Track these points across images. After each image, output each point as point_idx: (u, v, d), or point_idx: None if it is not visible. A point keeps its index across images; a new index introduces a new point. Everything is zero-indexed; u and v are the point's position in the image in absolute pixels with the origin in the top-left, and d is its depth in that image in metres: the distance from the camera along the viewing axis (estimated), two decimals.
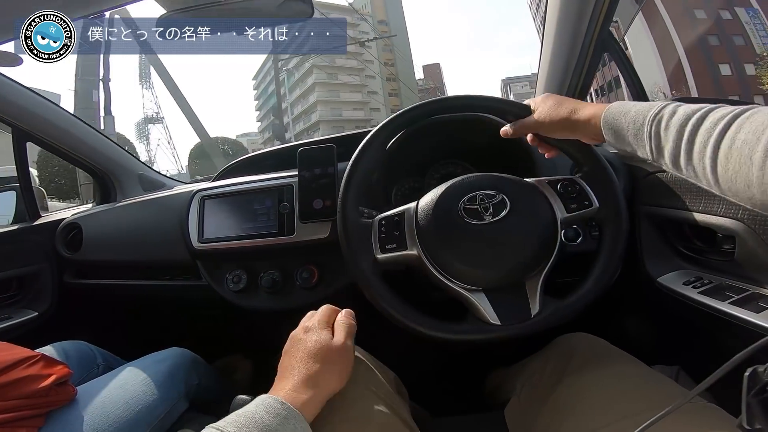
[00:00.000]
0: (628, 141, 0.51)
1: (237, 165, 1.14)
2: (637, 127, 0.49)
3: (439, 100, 0.71)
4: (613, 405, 0.52)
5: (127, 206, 1.20)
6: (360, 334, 0.56)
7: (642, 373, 0.59)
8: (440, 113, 0.71)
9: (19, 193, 1.29)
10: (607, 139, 0.55)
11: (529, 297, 0.59)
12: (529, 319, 0.58)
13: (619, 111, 0.52)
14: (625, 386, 0.55)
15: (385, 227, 0.64)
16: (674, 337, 0.90)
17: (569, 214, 0.62)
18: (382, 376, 0.63)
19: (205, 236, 0.95)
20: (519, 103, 0.67)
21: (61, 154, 1.30)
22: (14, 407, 0.60)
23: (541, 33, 1.01)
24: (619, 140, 0.53)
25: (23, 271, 1.16)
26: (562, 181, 0.64)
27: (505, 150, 0.89)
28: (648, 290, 0.79)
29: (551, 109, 0.62)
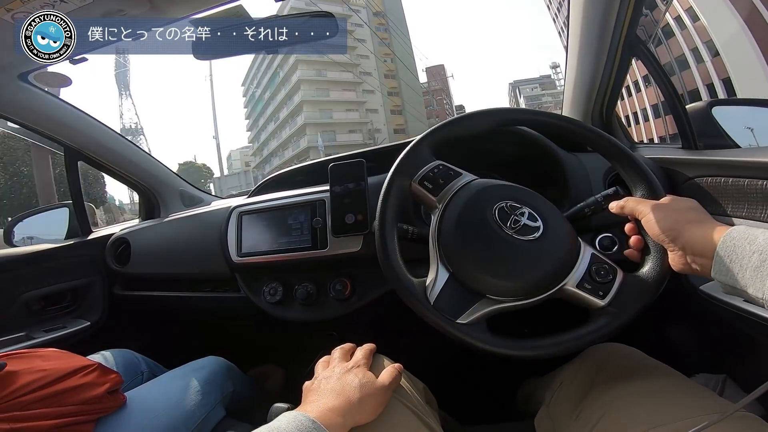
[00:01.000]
0: (745, 275, 0.42)
1: (271, 181, 1.19)
2: (762, 258, 0.41)
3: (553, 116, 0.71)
4: (644, 416, 0.51)
5: (170, 222, 1.27)
6: (390, 344, 0.57)
7: (677, 383, 0.57)
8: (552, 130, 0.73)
9: (71, 210, 1.38)
10: (715, 270, 0.46)
11: (473, 307, 0.58)
12: (451, 320, 0.58)
13: (743, 237, 0.44)
14: (659, 397, 0.54)
15: (437, 172, 0.67)
16: (719, 346, 0.86)
17: (574, 288, 0.58)
18: (411, 386, 0.65)
19: (243, 250, 0.99)
20: (658, 186, 0.61)
21: (109, 172, 1.38)
22: (71, 413, 0.65)
23: (564, 38, 0.99)
24: (731, 271, 0.44)
25: (77, 283, 1.25)
26: (602, 264, 0.59)
27: (535, 163, 0.88)
28: (690, 299, 0.76)
29: (682, 210, 0.53)
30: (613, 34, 0.88)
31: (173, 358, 0.96)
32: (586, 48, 0.94)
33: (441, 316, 0.57)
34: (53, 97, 1.14)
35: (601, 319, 0.57)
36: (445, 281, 0.60)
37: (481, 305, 0.58)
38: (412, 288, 0.60)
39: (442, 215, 0.63)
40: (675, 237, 0.51)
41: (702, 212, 0.53)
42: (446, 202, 0.64)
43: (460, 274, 0.60)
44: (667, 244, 0.53)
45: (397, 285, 0.61)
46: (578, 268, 0.59)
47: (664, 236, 0.52)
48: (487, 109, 0.71)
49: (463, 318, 0.58)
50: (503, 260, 0.59)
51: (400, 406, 0.58)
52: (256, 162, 55.68)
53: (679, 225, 0.51)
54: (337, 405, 0.50)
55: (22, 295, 1.14)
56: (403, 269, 0.61)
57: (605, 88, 0.99)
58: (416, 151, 0.69)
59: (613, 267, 0.59)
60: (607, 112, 1.04)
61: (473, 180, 0.67)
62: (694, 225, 0.50)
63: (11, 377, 0.63)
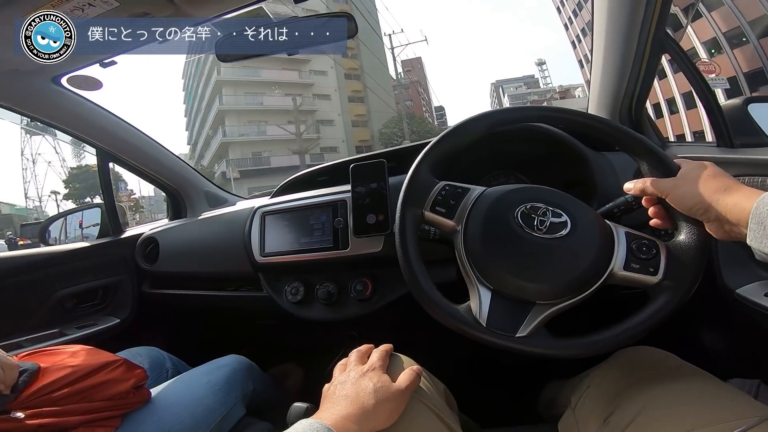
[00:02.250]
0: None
1: (294, 181, 1.20)
2: None
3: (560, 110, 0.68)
4: (680, 419, 0.49)
5: (197, 222, 1.31)
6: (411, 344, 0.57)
7: (711, 387, 0.55)
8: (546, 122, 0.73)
9: (103, 210, 1.43)
10: (751, 236, 0.45)
11: (528, 318, 0.56)
12: (512, 335, 0.56)
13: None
14: (694, 400, 0.52)
15: (446, 193, 0.65)
16: (754, 350, 0.83)
17: (624, 272, 0.56)
18: (432, 387, 0.64)
19: (267, 250, 1.01)
20: (669, 160, 0.58)
21: (139, 173, 1.42)
22: (99, 408, 0.67)
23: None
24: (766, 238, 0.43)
25: (108, 281, 1.30)
26: (641, 239, 0.58)
27: (563, 164, 0.86)
28: (726, 303, 0.73)
29: (702, 180, 0.51)
30: (641, 30, 0.86)
31: (197, 356, 0.98)
32: (613, 46, 0.92)
33: (498, 335, 0.56)
34: (85, 100, 1.18)
35: (662, 296, 0.55)
36: (490, 300, 0.58)
37: (535, 313, 0.56)
38: (459, 316, 0.58)
39: (465, 235, 0.62)
40: (706, 209, 0.50)
41: (724, 177, 0.51)
42: (465, 222, 0.62)
43: (502, 288, 0.58)
44: (700, 216, 0.51)
45: (446, 320, 0.58)
46: (618, 251, 0.57)
47: (695, 210, 0.51)
48: (477, 115, 0.69)
49: (521, 330, 0.56)
50: (541, 264, 0.58)
51: (422, 407, 0.58)
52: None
53: (707, 196, 0.50)
54: (352, 412, 0.50)
55: (56, 293, 1.19)
56: (447, 302, 0.59)
57: (633, 86, 0.96)
58: (417, 177, 0.66)
59: (652, 240, 0.58)
60: (637, 110, 1.01)
61: (484, 191, 0.65)
62: (722, 193, 0.49)
63: (41, 374, 0.65)
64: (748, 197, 0.45)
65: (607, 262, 0.57)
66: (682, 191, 0.53)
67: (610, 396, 0.60)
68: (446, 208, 0.64)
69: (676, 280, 0.55)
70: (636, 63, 0.92)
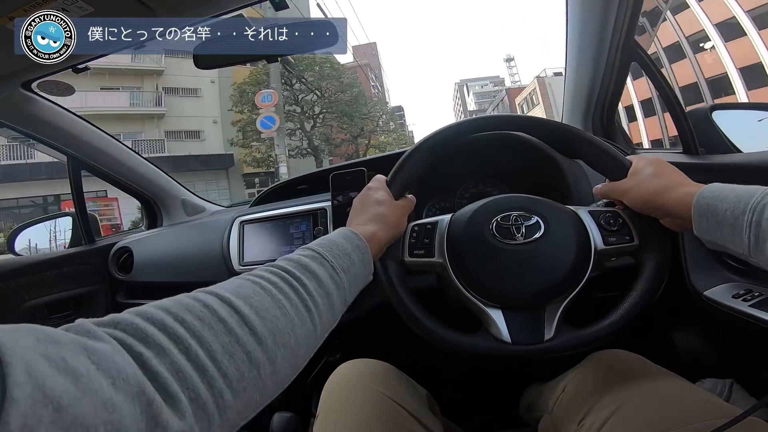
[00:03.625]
0: (723, 231, 0.44)
1: (273, 190, 1.19)
2: (735, 214, 0.43)
3: (522, 118, 0.69)
4: (649, 422, 0.51)
5: (172, 231, 1.28)
6: (392, 352, 0.57)
7: (682, 389, 0.57)
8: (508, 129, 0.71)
9: (75, 218, 1.39)
10: (697, 228, 0.48)
11: (546, 321, 0.58)
12: (540, 342, 0.57)
13: (716, 195, 0.46)
14: (663, 403, 0.53)
15: (417, 233, 0.65)
16: (726, 351, 0.86)
17: (606, 247, 0.59)
18: (414, 394, 0.64)
19: (245, 259, 1.00)
20: (620, 158, 0.61)
21: (112, 181, 1.39)
22: None
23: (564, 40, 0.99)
24: (711, 229, 0.46)
25: (80, 291, 1.25)
26: (604, 213, 0.61)
27: (539, 171, 0.88)
28: (695, 304, 0.76)
29: (646, 180, 0.55)
30: (612, 39, 0.89)
31: None
32: (585, 55, 0.95)
33: (527, 349, 0.57)
34: (56, 106, 1.15)
35: (650, 259, 0.58)
36: (503, 317, 0.59)
37: (550, 314, 0.58)
38: (484, 343, 0.59)
39: (453, 267, 0.62)
40: (655, 208, 0.54)
41: (669, 174, 0.54)
42: (446, 254, 0.62)
43: (508, 303, 0.59)
44: (653, 214, 0.55)
45: (475, 350, 0.59)
46: (592, 230, 0.60)
47: (647, 210, 0.55)
48: (427, 137, 0.68)
49: (547, 333, 0.57)
50: (532, 268, 0.59)
51: (404, 413, 0.58)
52: None
53: (653, 197, 0.53)
54: (369, 218, 0.58)
55: (25, 303, 1.14)
56: (468, 338, 0.60)
57: (605, 94, 0.99)
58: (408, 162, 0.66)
59: (613, 211, 0.61)
60: (608, 118, 1.04)
61: (452, 218, 0.65)
62: (667, 192, 0.52)
63: None
64: (690, 193, 0.49)
65: (588, 245, 0.59)
66: (632, 194, 0.56)
67: (584, 399, 0.62)
68: (424, 248, 0.63)
69: (652, 240, 0.58)
70: (607, 71, 0.95)
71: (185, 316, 0.31)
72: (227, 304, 0.34)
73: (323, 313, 0.42)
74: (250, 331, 0.33)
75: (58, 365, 0.21)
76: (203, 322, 0.31)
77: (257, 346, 0.33)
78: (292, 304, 0.39)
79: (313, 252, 0.46)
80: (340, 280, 0.46)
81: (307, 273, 0.43)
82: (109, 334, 0.27)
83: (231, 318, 0.33)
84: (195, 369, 0.28)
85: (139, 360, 0.26)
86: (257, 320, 0.34)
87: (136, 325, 0.28)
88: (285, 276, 0.41)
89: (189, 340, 0.29)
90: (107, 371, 0.23)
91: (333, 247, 0.48)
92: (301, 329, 0.39)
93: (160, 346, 0.28)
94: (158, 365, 0.26)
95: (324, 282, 0.43)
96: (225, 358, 0.30)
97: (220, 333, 0.31)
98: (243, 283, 0.39)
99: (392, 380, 0.64)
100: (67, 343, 0.23)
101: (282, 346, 0.36)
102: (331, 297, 0.44)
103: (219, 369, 0.30)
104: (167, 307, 0.31)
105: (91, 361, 0.23)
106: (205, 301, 0.33)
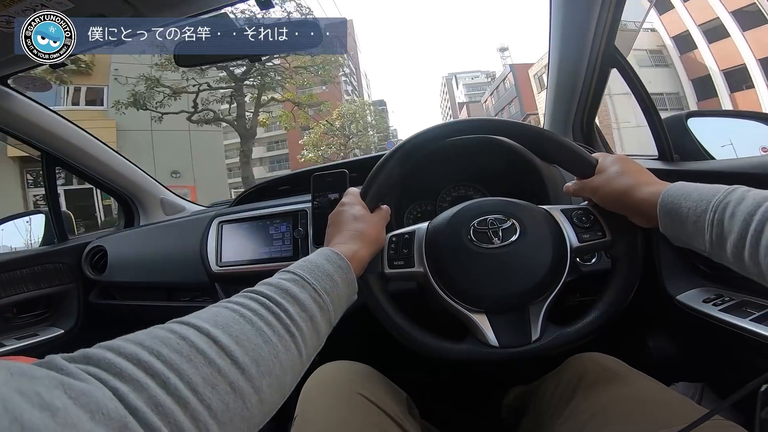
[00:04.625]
0: (686, 229, 0.45)
1: (254, 190, 1.17)
2: (698, 213, 0.44)
3: (490, 121, 0.68)
4: (623, 425, 0.51)
5: (149, 230, 1.25)
6: (371, 355, 0.57)
7: (655, 391, 0.58)
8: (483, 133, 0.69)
9: (48, 216, 1.35)
10: (662, 226, 0.49)
11: (531, 322, 0.59)
12: (528, 344, 0.58)
13: (680, 194, 0.47)
14: (637, 406, 0.54)
15: (395, 245, 0.64)
16: (698, 354, 0.88)
17: (581, 244, 0.60)
18: (394, 397, 0.64)
19: (223, 260, 0.98)
20: (586, 155, 0.62)
21: (87, 179, 1.35)
22: None
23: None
24: (675, 227, 0.47)
25: (52, 290, 1.22)
26: (576, 210, 0.62)
27: (520, 176, 0.89)
28: (667, 308, 0.77)
29: (613, 179, 0.56)
30: (593, 45, 0.90)
31: None
32: (566, 62, 0.96)
33: (516, 351, 0.57)
34: (31, 101, 1.12)
35: (624, 252, 0.59)
36: (490, 322, 0.59)
37: (534, 314, 0.59)
38: (474, 350, 0.59)
39: (432, 275, 0.62)
40: (623, 207, 0.55)
41: (635, 174, 0.55)
42: (426, 263, 0.62)
43: (492, 306, 0.59)
44: (622, 212, 0.56)
45: (468, 358, 0.59)
46: (566, 228, 0.61)
47: (616, 209, 0.57)
48: (398, 145, 0.67)
49: (533, 333, 0.58)
50: (513, 270, 0.59)
51: (383, 416, 0.57)
52: None
53: (621, 195, 0.54)
54: (348, 237, 0.57)
55: None
56: (459, 346, 0.60)
57: (585, 100, 1.01)
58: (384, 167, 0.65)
59: (585, 208, 0.62)
60: (588, 123, 1.06)
61: (428, 226, 0.65)
62: (633, 190, 0.53)
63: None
64: (656, 192, 0.50)
65: (564, 243, 0.60)
66: (601, 192, 0.57)
67: (562, 402, 0.62)
68: (404, 259, 0.63)
69: (623, 234, 0.59)
70: (587, 77, 0.97)
71: (161, 349, 0.30)
72: (205, 334, 0.33)
73: (307, 337, 0.41)
74: (231, 361, 0.32)
75: (32, 400, 0.20)
76: (181, 354, 0.30)
77: (240, 375, 0.32)
78: (273, 331, 0.38)
79: (293, 275, 0.45)
80: (324, 302, 0.45)
81: (287, 297, 0.42)
82: (82, 370, 0.26)
83: (210, 349, 0.32)
84: (176, 402, 0.27)
85: (116, 395, 0.25)
86: (238, 350, 0.33)
87: (109, 360, 0.27)
88: (264, 302, 0.40)
89: (167, 374, 0.28)
90: (85, 405, 0.22)
91: (314, 268, 0.47)
92: (286, 355, 0.38)
93: (136, 381, 0.27)
94: (136, 400, 0.26)
95: (306, 305, 0.43)
96: (207, 390, 0.29)
97: (200, 365, 0.31)
98: (220, 311, 0.37)
99: (372, 383, 0.63)
100: (41, 378, 0.22)
101: (267, 374, 0.35)
102: (315, 320, 0.43)
103: (202, 401, 0.29)
104: (140, 340, 0.30)
105: (67, 396, 0.22)
106: (181, 333, 0.32)
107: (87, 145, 1.28)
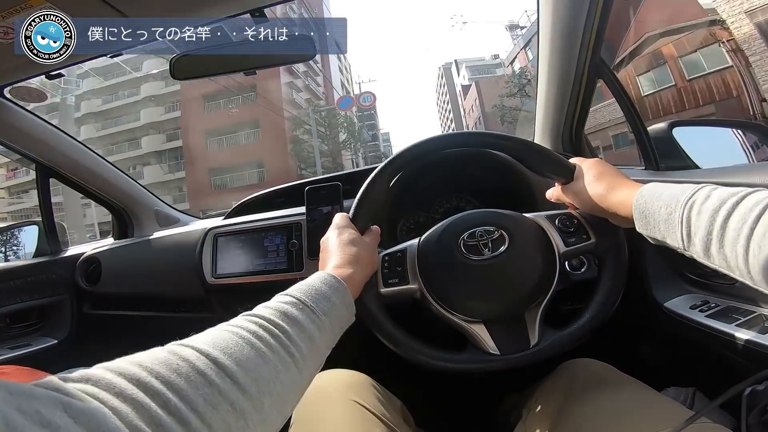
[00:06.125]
0: (660, 228, 0.47)
1: (248, 203, 1.18)
2: (669, 211, 0.46)
3: (470, 134, 0.71)
4: (615, 430, 0.52)
5: (143, 242, 1.25)
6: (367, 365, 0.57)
7: (646, 396, 0.59)
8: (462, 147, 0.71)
9: (41, 228, 1.35)
10: (638, 226, 0.51)
11: (528, 328, 0.60)
12: (527, 349, 0.59)
13: (652, 194, 0.49)
14: (628, 412, 0.55)
15: (389, 263, 0.65)
16: (687, 360, 0.89)
17: (568, 248, 0.62)
18: (389, 405, 0.64)
19: (219, 272, 0.98)
20: (563, 161, 0.63)
21: (82, 190, 1.35)
22: None
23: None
24: (650, 226, 0.49)
25: (45, 301, 1.22)
26: (560, 216, 0.64)
27: (510, 184, 0.90)
28: (656, 315, 0.78)
29: (590, 184, 0.58)
30: (579, 56, 0.92)
31: None
32: (555, 73, 0.98)
33: (516, 357, 0.58)
34: (26, 112, 1.11)
35: (609, 252, 0.61)
36: (488, 331, 0.60)
37: (530, 320, 0.60)
38: (476, 359, 0.60)
39: (429, 290, 0.63)
40: (601, 210, 0.57)
41: (609, 176, 0.57)
42: (420, 279, 0.63)
43: (489, 316, 0.61)
44: (601, 215, 0.59)
45: (473, 369, 0.60)
46: (552, 234, 0.62)
47: (595, 212, 0.59)
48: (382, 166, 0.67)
49: (532, 339, 0.59)
50: (507, 281, 0.60)
51: (379, 424, 0.58)
52: None
53: (599, 199, 0.56)
54: (343, 260, 0.56)
55: None
56: (461, 357, 0.61)
57: (573, 111, 1.02)
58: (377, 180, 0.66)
59: (567, 213, 0.64)
60: (576, 135, 1.08)
61: (420, 242, 0.66)
62: (609, 194, 0.55)
63: None
64: (630, 193, 0.52)
65: (552, 249, 0.62)
66: (581, 197, 0.59)
67: (555, 408, 0.63)
68: (398, 276, 0.64)
69: (606, 235, 0.61)
70: (575, 88, 0.98)
71: (161, 369, 0.30)
72: (205, 355, 0.34)
73: (307, 358, 0.42)
74: (232, 382, 0.33)
75: (33, 418, 0.21)
76: (180, 375, 0.31)
77: (241, 395, 0.33)
78: (273, 352, 0.38)
79: (292, 298, 0.46)
80: (322, 323, 0.46)
81: (286, 319, 0.43)
82: (81, 390, 0.26)
83: (210, 370, 0.33)
84: (177, 422, 0.28)
85: (117, 414, 0.25)
86: (238, 370, 0.34)
87: (108, 380, 0.28)
88: (263, 324, 0.40)
89: (167, 394, 0.29)
90: (86, 424, 0.23)
91: (311, 291, 0.48)
92: (286, 375, 0.39)
93: (136, 401, 0.27)
94: (137, 419, 0.26)
95: (305, 327, 0.43)
96: (208, 410, 0.30)
97: (201, 385, 0.31)
98: (220, 333, 0.38)
99: (367, 391, 0.64)
100: (41, 397, 0.23)
101: (268, 393, 0.35)
102: (314, 341, 0.44)
103: (203, 421, 0.29)
104: (140, 361, 0.31)
105: (68, 415, 0.22)
106: (181, 354, 0.33)
107: (80, 156, 1.27)
